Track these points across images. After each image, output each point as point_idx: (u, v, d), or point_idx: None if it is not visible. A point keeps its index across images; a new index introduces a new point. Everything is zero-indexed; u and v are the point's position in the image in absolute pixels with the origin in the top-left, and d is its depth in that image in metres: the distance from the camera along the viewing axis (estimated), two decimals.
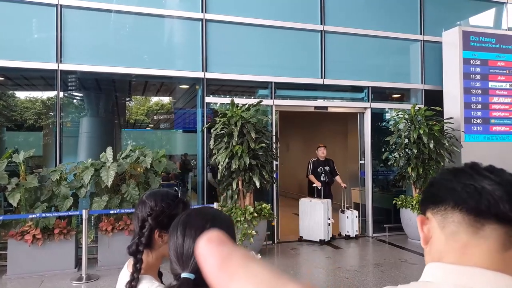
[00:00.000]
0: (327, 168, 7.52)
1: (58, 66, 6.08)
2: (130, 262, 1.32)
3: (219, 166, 5.88)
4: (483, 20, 8.73)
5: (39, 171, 5.67)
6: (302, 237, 7.11)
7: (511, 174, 0.69)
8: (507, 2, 8.66)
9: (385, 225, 7.58)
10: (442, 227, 0.69)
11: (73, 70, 6.37)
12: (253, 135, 5.71)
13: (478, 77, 7.50)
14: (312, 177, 7.46)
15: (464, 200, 0.67)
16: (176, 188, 1.44)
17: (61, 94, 6.27)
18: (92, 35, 6.37)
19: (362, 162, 7.94)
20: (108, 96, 8.61)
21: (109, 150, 5.76)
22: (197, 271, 0.90)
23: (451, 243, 0.68)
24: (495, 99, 7.62)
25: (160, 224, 1.32)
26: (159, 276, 1.43)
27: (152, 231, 1.31)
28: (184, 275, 0.90)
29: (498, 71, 7.66)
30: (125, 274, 1.30)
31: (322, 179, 7.43)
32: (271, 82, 7.09)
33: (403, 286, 0.69)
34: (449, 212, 0.69)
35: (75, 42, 6.25)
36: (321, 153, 7.56)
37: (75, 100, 7.98)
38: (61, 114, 6.27)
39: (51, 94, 6.77)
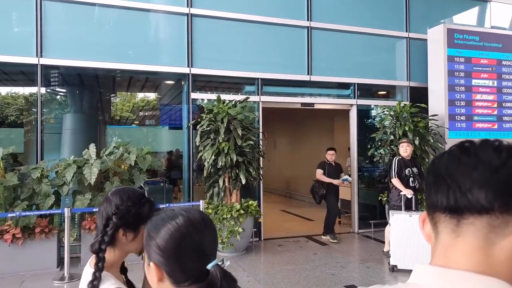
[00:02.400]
0: (415, 169, 5.85)
1: (39, 61, 5.92)
2: (92, 259, 1.30)
3: (205, 163, 5.83)
4: (467, 18, 8.83)
5: (19, 169, 5.52)
6: (396, 266, 5.13)
7: (496, 149, 0.60)
8: (491, 1, 8.78)
9: (370, 221, 7.63)
10: (433, 228, 0.65)
11: (55, 65, 6.21)
12: (239, 131, 5.66)
13: (462, 74, 7.59)
14: (397, 182, 5.68)
15: (436, 197, 0.62)
16: (142, 186, 1.44)
17: (43, 89, 6.11)
18: (75, 28, 6.22)
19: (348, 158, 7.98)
20: (91, 92, 8.44)
21: (92, 146, 5.65)
22: (215, 254, 0.89)
23: (437, 245, 0.64)
24: (478, 96, 7.72)
25: (125, 223, 1.29)
26: (124, 272, 1.43)
27: (116, 229, 1.29)
28: (211, 265, 0.84)
29: (481, 68, 7.76)
30: (88, 272, 1.27)
31: (412, 184, 5.73)
32: (258, 79, 7.04)
33: (390, 286, 0.66)
34: (434, 212, 0.64)
35: (57, 36, 6.09)
36: (404, 150, 5.83)
37: (57, 96, 7.80)
38: (43, 110, 6.12)
39: (32, 89, 6.60)
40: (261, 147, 6.49)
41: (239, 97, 6.45)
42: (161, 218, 0.92)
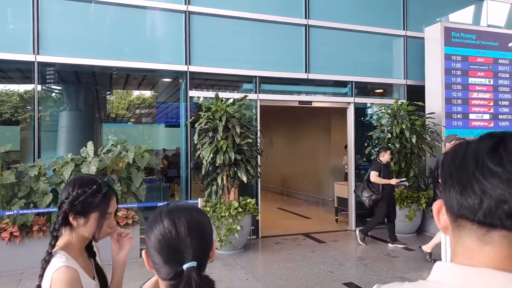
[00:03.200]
0: None
1: (36, 58, 5.88)
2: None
3: (204, 161, 5.82)
4: (463, 16, 8.87)
5: (16, 167, 5.49)
6: None
7: None
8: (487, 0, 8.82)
9: (367, 219, 7.66)
10: (454, 233, 0.64)
11: (52, 62, 6.17)
12: (238, 129, 5.66)
13: (459, 72, 7.63)
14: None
15: (461, 202, 0.60)
16: (112, 177, 1.53)
17: (39, 87, 6.07)
18: (72, 26, 6.18)
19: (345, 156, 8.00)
20: (88, 89, 8.40)
21: (90, 144, 5.63)
22: (197, 257, 0.91)
23: (458, 246, 0.63)
24: (474, 95, 7.77)
25: (74, 209, 1.38)
26: (92, 256, 1.51)
27: (66, 214, 1.39)
28: (187, 265, 0.89)
29: (478, 67, 7.80)
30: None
31: None
32: (256, 76, 7.04)
33: (411, 284, 0.66)
34: (460, 219, 0.62)
35: (54, 33, 6.05)
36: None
37: (53, 94, 7.76)
38: (39, 107, 6.08)
39: (29, 87, 6.55)
40: (259, 145, 6.50)
41: (237, 95, 6.44)
42: (155, 213, 0.99)
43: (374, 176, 6.28)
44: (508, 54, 8.04)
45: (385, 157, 6.34)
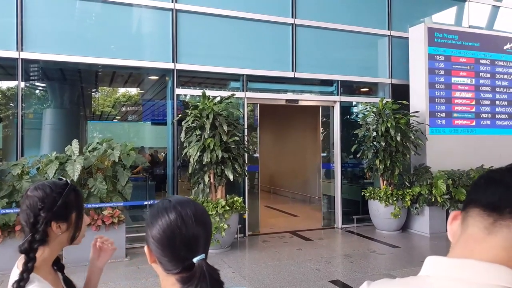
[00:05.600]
0: None
1: (19, 55, 5.77)
2: (21, 259, 1.26)
3: (191, 160, 5.81)
4: (446, 17, 9.03)
5: None
6: None
7: None
8: (469, 1, 9.00)
9: (353, 217, 7.77)
10: (462, 222, 0.69)
11: (36, 59, 6.06)
12: (225, 127, 5.66)
13: (442, 72, 7.77)
14: None
15: (482, 194, 0.67)
16: (62, 178, 1.40)
17: (23, 84, 5.96)
18: (56, 22, 6.08)
19: (332, 154, 8.08)
20: (73, 86, 8.28)
21: (75, 142, 5.56)
22: (205, 249, 0.93)
23: (463, 237, 0.68)
24: (457, 94, 7.92)
25: (56, 214, 1.26)
26: (61, 269, 1.40)
27: (48, 224, 1.25)
28: (198, 258, 0.90)
29: (460, 67, 7.96)
30: (15, 273, 1.23)
31: None
32: (243, 75, 7.04)
33: (401, 279, 0.69)
34: (471, 207, 0.68)
35: (38, 30, 5.94)
36: None
37: (37, 91, 7.63)
38: (23, 105, 5.97)
39: (12, 84, 6.42)
40: (246, 143, 6.51)
41: (225, 93, 6.44)
42: (158, 208, 0.98)
43: None
44: (489, 55, 8.22)
45: None
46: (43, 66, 6.57)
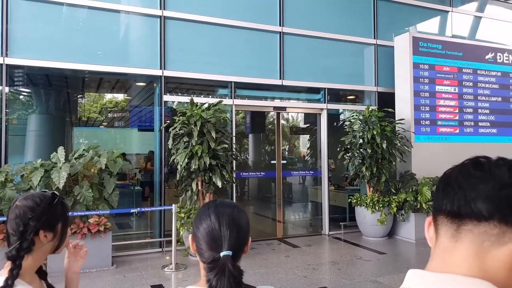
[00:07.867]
0: None
1: (4, 60, 5.69)
2: (6, 267, 1.29)
3: (178, 167, 5.78)
4: (430, 26, 9.24)
5: None
6: None
7: (511, 168, 0.66)
8: (452, 11, 9.23)
9: (341, 223, 7.82)
10: (435, 229, 0.70)
11: (21, 65, 5.99)
12: (213, 134, 5.66)
13: (426, 80, 7.93)
14: None
15: (441, 201, 0.68)
16: (46, 190, 1.47)
17: (7, 89, 5.87)
18: (42, 28, 6.02)
19: (319, 161, 8.13)
20: (58, 92, 8.18)
21: (61, 149, 5.49)
22: (233, 248, 1.07)
23: (436, 246, 0.69)
24: (441, 102, 8.09)
25: (45, 224, 1.33)
26: (44, 277, 1.43)
27: (36, 233, 1.31)
28: (224, 253, 1.05)
29: (444, 75, 8.13)
30: (0, 280, 1.25)
31: None
32: (231, 82, 7.07)
33: None
34: (437, 215, 0.69)
35: (23, 35, 5.87)
36: None
37: (22, 96, 7.51)
38: (7, 110, 5.88)
39: None
40: (234, 150, 6.52)
41: (213, 100, 6.45)
42: (206, 205, 1.17)
43: None
44: (472, 64, 8.42)
45: None
46: (28, 71, 6.49)
